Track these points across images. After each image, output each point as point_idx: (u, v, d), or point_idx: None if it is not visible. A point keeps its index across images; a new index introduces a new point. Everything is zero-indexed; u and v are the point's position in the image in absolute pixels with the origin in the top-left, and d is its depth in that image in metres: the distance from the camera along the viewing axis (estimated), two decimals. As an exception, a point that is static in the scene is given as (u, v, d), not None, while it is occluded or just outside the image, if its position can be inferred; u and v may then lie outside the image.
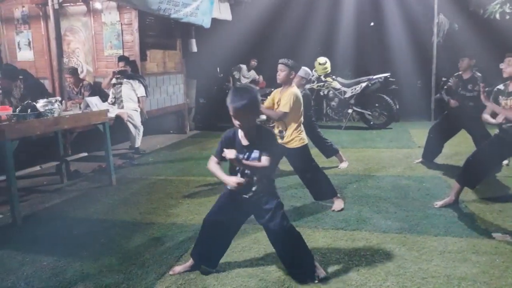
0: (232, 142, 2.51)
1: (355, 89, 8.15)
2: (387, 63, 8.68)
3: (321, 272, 2.60)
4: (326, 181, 3.86)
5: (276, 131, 3.81)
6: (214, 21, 7.39)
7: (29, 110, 3.94)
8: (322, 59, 7.97)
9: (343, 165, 5.27)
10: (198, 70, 8.86)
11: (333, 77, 8.38)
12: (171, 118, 8.48)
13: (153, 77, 7.36)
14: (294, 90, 3.69)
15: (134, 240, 3.28)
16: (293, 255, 2.60)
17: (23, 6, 7.14)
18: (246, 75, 9.46)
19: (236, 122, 2.41)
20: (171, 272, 2.71)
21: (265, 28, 9.52)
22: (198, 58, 8.59)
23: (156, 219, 3.71)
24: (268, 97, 3.92)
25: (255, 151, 2.45)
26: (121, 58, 6.42)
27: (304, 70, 4.73)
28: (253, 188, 2.51)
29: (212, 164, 2.55)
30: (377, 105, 8.08)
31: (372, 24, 9.72)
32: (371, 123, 8.15)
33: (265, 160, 2.43)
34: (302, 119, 3.80)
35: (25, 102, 4.09)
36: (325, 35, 9.29)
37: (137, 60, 6.85)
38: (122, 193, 4.53)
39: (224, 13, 8.16)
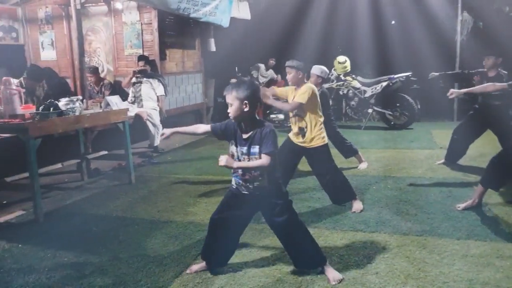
0: (233, 132, 2.52)
1: (376, 88, 8.02)
2: (408, 62, 8.52)
3: (335, 276, 2.55)
4: (345, 183, 3.80)
5: (295, 129, 3.77)
6: (233, 20, 7.40)
7: (51, 109, 4.01)
8: (341, 58, 7.88)
9: (363, 165, 5.19)
10: (216, 69, 8.88)
11: (353, 76, 8.27)
12: (190, 117, 8.54)
13: (172, 77, 7.42)
14: (310, 84, 3.66)
15: (152, 238, 3.30)
16: (301, 245, 2.60)
17: (46, 7, 7.30)
18: (264, 74, 9.43)
19: (229, 111, 2.43)
20: (188, 271, 2.72)
21: (284, 27, 9.46)
22: (216, 58, 8.61)
23: (174, 218, 3.74)
24: (283, 88, 3.89)
25: (255, 146, 2.44)
26: (141, 58, 6.49)
27: (319, 68, 4.67)
28: (255, 184, 2.49)
29: (199, 126, 2.68)
30: (398, 104, 7.93)
31: (393, 22, 9.56)
32: (392, 123, 8.02)
33: (264, 159, 2.41)
34: (322, 117, 3.75)
35: (48, 101, 4.17)
36: (345, 34, 9.18)
37: (156, 60, 6.91)
38: (141, 191, 4.58)
39: (243, 12, 8.16)
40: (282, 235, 2.63)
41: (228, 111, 2.45)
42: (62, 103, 4.17)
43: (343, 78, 8.18)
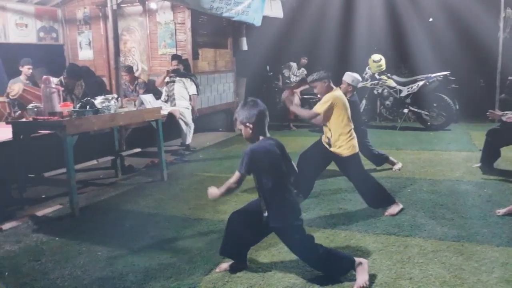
0: None
1: (412, 87, 7.78)
2: (447, 60, 8.21)
3: (362, 280, 2.48)
4: (379, 190, 3.68)
5: (324, 136, 3.74)
6: (265, 18, 7.38)
7: (88, 107, 4.14)
8: (376, 56, 7.70)
9: (397, 166, 5.04)
10: (247, 68, 8.90)
11: (388, 75, 8.06)
12: (221, 116, 8.59)
13: (204, 76, 7.49)
14: (334, 93, 3.61)
15: (183, 235, 3.34)
16: (319, 265, 2.57)
17: (84, 8, 7.55)
18: (296, 73, 9.35)
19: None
20: (217, 270, 2.72)
21: (316, 25, 9.36)
22: (248, 56, 8.63)
23: (204, 215, 3.76)
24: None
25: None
26: (174, 57, 6.59)
27: (351, 76, 4.57)
28: (264, 214, 2.49)
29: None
30: (435, 105, 7.66)
31: (431, 19, 9.25)
32: (428, 123, 7.76)
33: (234, 176, 2.49)
34: (351, 125, 3.67)
35: (85, 99, 4.30)
36: (381, 31, 8.97)
37: (189, 59, 7.00)
38: (172, 189, 4.65)
39: (276, 10, 8.13)
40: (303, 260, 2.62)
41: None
42: (98, 101, 4.29)
43: (377, 77, 7.99)
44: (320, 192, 4.23)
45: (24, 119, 4.38)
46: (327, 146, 3.69)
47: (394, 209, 3.62)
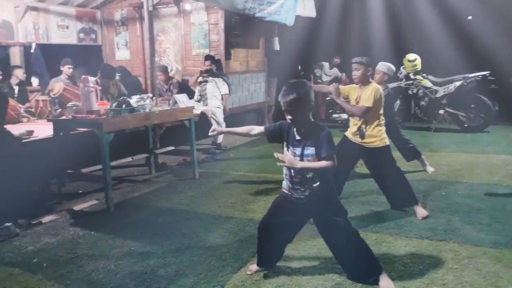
0: (286, 133, 2.49)
1: (448, 88, 7.53)
2: (486, 60, 7.88)
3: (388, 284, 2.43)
4: (407, 187, 3.62)
5: (354, 128, 3.66)
6: (297, 18, 7.35)
7: (123, 106, 4.27)
8: (411, 56, 7.50)
9: (430, 168, 4.90)
10: (279, 68, 8.89)
11: (424, 75, 7.83)
12: (251, 116, 8.64)
13: (236, 76, 7.55)
14: (376, 85, 3.53)
15: (213, 233, 3.39)
16: (354, 258, 2.50)
17: (122, 9, 7.79)
18: (328, 72, 9.27)
19: (288, 117, 2.39)
20: (248, 272, 2.71)
21: (350, 24, 9.22)
22: (279, 56, 8.62)
23: (234, 214, 3.80)
24: (344, 86, 3.78)
25: (308, 147, 2.38)
26: (207, 57, 6.69)
27: (386, 65, 4.47)
28: (306, 188, 2.43)
29: (253, 127, 2.63)
30: (473, 106, 7.38)
31: (470, 17, 8.91)
32: (465, 125, 7.48)
33: (328, 161, 2.35)
34: (383, 118, 3.61)
35: (121, 98, 4.44)
36: (416, 30, 8.73)
37: (222, 59, 7.08)
38: (203, 187, 4.72)
39: (308, 9, 8.08)
40: (334, 246, 2.54)
41: (289, 117, 2.40)
42: (134, 100, 4.42)
43: (412, 77, 7.78)
44: (351, 194, 4.18)
45: (64, 117, 4.57)
46: (358, 138, 3.62)
47: (422, 210, 3.54)
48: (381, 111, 3.57)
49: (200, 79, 6.65)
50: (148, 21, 5.39)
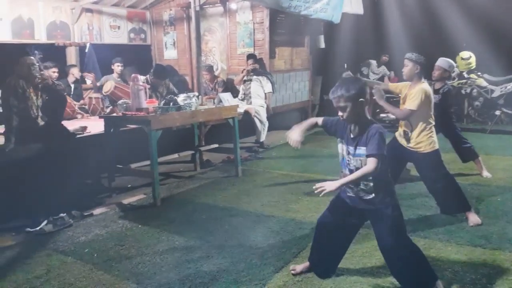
0: (342, 129, 2.42)
1: (506, 87, 7.09)
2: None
3: None
4: (458, 192, 3.44)
5: (400, 131, 3.54)
6: (344, 15, 7.21)
7: (171, 104, 4.39)
8: (465, 54, 7.15)
9: (486, 173, 4.63)
10: (324, 66, 8.77)
11: (478, 73, 7.42)
12: (295, 115, 8.57)
13: (280, 74, 7.53)
14: (423, 86, 3.37)
15: (255, 231, 3.40)
16: (409, 273, 2.36)
17: (170, 10, 8.00)
18: (376, 71, 9.02)
19: (339, 114, 2.32)
20: (292, 271, 2.69)
21: (399, 21, 8.91)
22: (324, 54, 8.50)
23: (276, 213, 3.80)
24: (397, 84, 3.67)
25: (360, 147, 2.29)
26: (250, 56, 6.73)
27: (447, 62, 4.27)
28: (361, 189, 2.35)
29: (314, 118, 2.58)
30: (533, 107, 6.92)
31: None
32: (524, 127, 7.03)
33: (369, 164, 2.23)
34: (432, 120, 3.45)
35: (168, 96, 4.56)
36: (470, 27, 8.27)
37: (266, 58, 7.09)
38: (246, 184, 4.76)
39: (356, 6, 7.90)
40: (387, 252, 2.41)
41: (340, 114, 2.33)
42: (181, 98, 4.53)
43: (466, 75, 7.41)
44: (399, 197, 3.99)
45: (114, 114, 4.77)
46: (404, 142, 3.50)
47: (475, 217, 3.35)
48: (428, 115, 3.41)
49: (245, 78, 6.71)
50: (195, 21, 5.49)
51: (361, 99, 2.28)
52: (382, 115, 8.32)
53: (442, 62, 4.26)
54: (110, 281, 2.70)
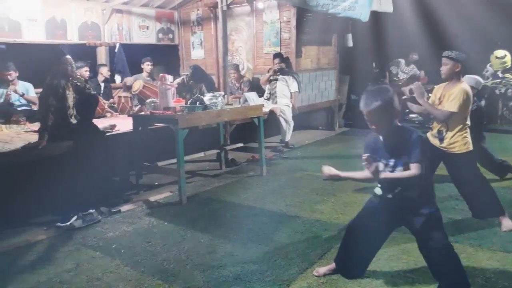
0: (374, 150, 2.32)
1: (543, 87, 6.80)
2: None
3: None
4: (492, 196, 3.31)
5: (434, 131, 3.43)
6: (373, 13, 7.08)
7: (197, 103, 4.43)
8: (500, 53, 6.90)
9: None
10: (351, 65, 8.64)
11: (514, 73, 7.15)
12: (321, 114, 8.50)
13: (306, 73, 7.47)
14: (463, 86, 3.22)
15: (279, 231, 3.39)
16: (446, 276, 2.30)
17: (198, 10, 8.08)
18: (405, 70, 8.81)
19: (372, 126, 2.25)
20: (315, 274, 2.67)
21: (430, 19, 8.67)
22: (352, 53, 8.37)
23: (301, 213, 3.77)
24: (431, 94, 3.55)
25: (402, 156, 2.21)
26: (276, 55, 6.70)
27: (474, 79, 4.04)
28: (401, 193, 2.28)
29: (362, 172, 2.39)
30: None
31: None
32: (562, 129, 6.70)
33: (414, 168, 2.16)
34: (468, 121, 3.33)
35: (195, 96, 4.61)
36: (505, 25, 7.96)
37: (292, 57, 7.05)
38: (270, 184, 4.75)
39: (385, 4, 7.73)
40: (426, 252, 2.35)
41: (372, 127, 2.26)
42: (207, 98, 4.56)
43: (501, 75, 7.15)
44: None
45: (142, 113, 4.86)
46: (437, 142, 3.39)
47: (509, 222, 3.22)
48: (465, 117, 3.29)
49: (271, 77, 6.69)
50: (222, 21, 5.52)
51: (392, 108, 2.21)
52: (411, 115, 8.13)
53: (468, 80, 4.07)
54: (137, 277, 2.75)
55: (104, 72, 6.68)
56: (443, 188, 4.20)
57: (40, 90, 4.68)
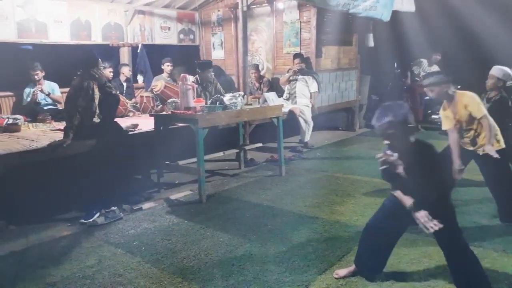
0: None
1: None
2: None
3: None
4: None
5: (466, 140, 3.38)
6: (394, 12, 6.99)
7: (217, 103, 4.46)
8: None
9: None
10: (373, 65, 8.54)
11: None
12: (341, 115, 8.44)
13: (326, 73, 7.43)
14: (467, 92, 3.28)
15: (298, 231, 3.39)
16: (466, 278, 2.30)
17: (218, 10, 8.14)
18: (427, 70, 8.64)
19: (385, 142, 2.25)
20: (335, 276, 2.66)
21: (453, 18, 8.49)
22: (374, 53, 8.28)
23: (320, 214, 3.76)
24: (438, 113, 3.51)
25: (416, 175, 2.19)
26: (296, 55, 6.69)
27: (501, 70, 3.95)
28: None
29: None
30: None
31: None
32: None
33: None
34: (492, 120, 3.27)
35: (215, 96, 4.65)
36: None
37: (312, 57, 7.03)
38: (289, 184, 4.74)
39: (407, 4, 7.62)
40: (444, 251, 2.36)
41: (386, 142, 2.26)
42: (227, 98, 4.60)
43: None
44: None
45: (164, 112, 4.93)
46: (470, 147, 3.34)
47: None
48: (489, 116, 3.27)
49: (291, 77, 6.68)
50: (242, 21, 5.55)
51: (404, 125, 2.21)
52: (433, 116, 8.00)
53: (495, 70, 3.97)
54: (157, 274, 2.79)
55: (126, 71, 6.81)
56: (466, 191, 4.12)
57: (65, 89, 4.81)
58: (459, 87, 3.41)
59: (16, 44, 6.50)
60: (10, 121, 4.96)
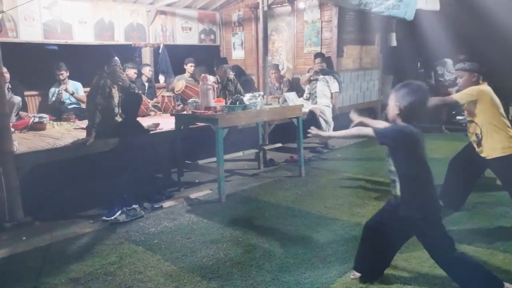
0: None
1: None
2: None
3: None
4: None
5: (472, 136, 3.31)
6: (418, 11, 6.84)
7: (237, 103, 4.47)
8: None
9: None
10: (395, 65, 8.40)
11: None
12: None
13: (347, 73, 7.35)
14: (480, 87, 3.24)
15: (318, 233, 3.35)
16: (461, 280, 2.28)
17: (239, 10, 8.15)
18: (452, 70, 8.43)
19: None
20: (352, 276, 2.63)
21: (480, 17, 8.26)
22: (396, 53, 8.13)
23: (340, 216, 3.71)
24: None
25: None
26: (318, 55, 6.64)
27: None
28: (396, 193, 2.29)
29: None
30: None
31: None
32: None
33: (370, 131, 2.39)
34: (505, 121, 3.19)
35: (235, 96, 4.66)
36: None
37: (333, 57, 6.96)
38: (309, 185, 4.71)
39: (431, 2, 7.46)
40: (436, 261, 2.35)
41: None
42: (246, 98, 4.60)
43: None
44: (474, 205, 3.76)
45: (184, 112, 4.96)
46: (476, 147, 3.26)
47: None
48: (496, 117, 3.18)
49: (311, 77, 6.64)
50: (262, 21, 5.54)
51: (406, 108, 2.26)
52: (458, 117, 7.80)
53: None
54: (176, 272, 2.81)
55: (146, 72, 6.90)
56: (492, 193, 4.01)
57: (88, 89, 4.91)
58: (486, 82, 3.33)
59: (42, 45, 6.68)
60: (36, 119, 5.09)
